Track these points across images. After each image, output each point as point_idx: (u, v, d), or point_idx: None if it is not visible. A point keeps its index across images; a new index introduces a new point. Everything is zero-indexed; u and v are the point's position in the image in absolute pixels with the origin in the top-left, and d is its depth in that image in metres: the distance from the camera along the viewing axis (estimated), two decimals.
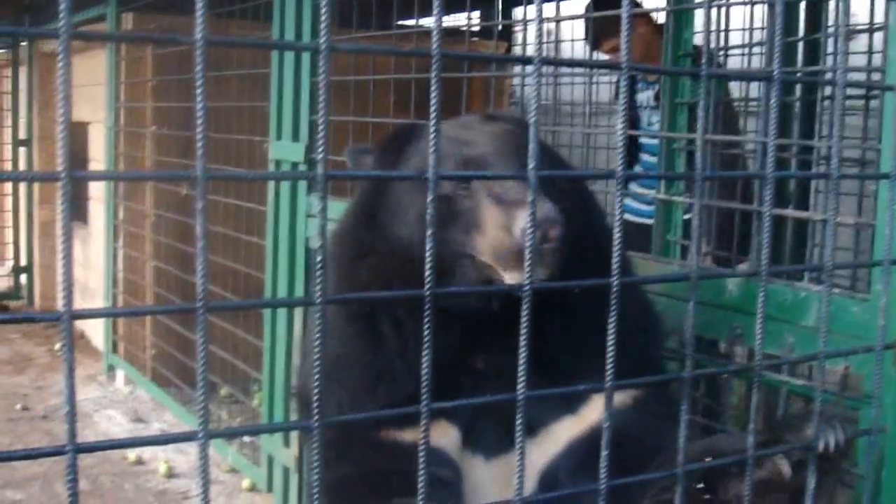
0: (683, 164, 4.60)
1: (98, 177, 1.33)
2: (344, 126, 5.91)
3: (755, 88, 5.60)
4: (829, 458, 2.54)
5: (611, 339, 1.88)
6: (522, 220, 2.63)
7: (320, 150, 1.49)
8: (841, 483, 3.33)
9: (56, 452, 1.29)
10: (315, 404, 1.56)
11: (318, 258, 1.47)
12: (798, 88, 5.07)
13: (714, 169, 4.67)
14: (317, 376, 1.53)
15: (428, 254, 1.62)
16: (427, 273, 1.63)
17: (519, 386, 1.77)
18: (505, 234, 2.69)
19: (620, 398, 3.02)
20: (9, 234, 13.13)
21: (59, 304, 1.26)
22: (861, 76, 5.36)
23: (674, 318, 3.48)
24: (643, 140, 6.96)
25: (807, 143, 4.49)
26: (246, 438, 7.45)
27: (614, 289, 1.85)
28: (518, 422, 1.78)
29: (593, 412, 3.06)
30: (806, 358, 2.95)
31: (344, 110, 6.01)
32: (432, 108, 1.63)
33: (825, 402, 2.55)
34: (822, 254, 4.08)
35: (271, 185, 6.40)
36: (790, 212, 3.78)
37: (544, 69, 5.65)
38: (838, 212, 2.29)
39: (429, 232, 1.61)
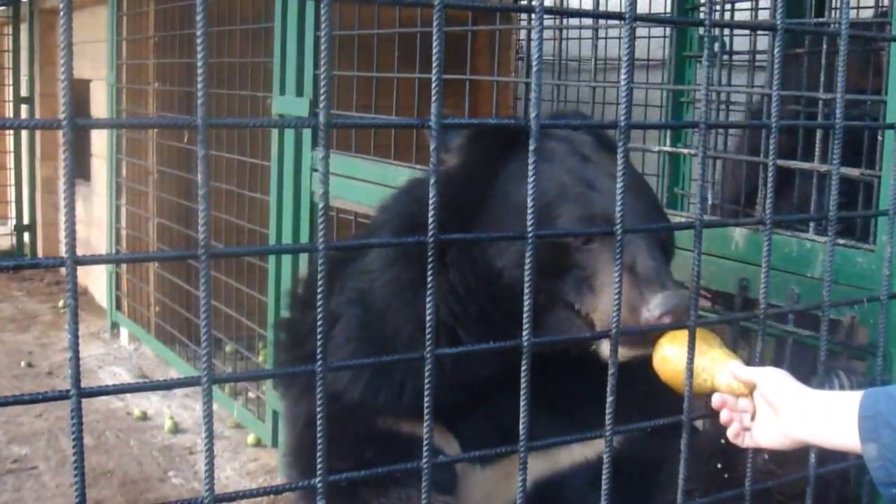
0: (693, 118, 4.60)
1: (101, 124, 1.35)
2: (348, 81, 5.90)
3: (763, 42, 5.60)
4: None
5: (616, 291, 1.89)
6: (655, 304, 2.57)
7: (322, 98, 1.50)
8: None
9: (60, 397, 1.31)
10: (318, 350, 1.57)
11: (321, 205, 1.49)
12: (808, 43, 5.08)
13: None
14: (320, 324, 1.55)
15: (431, 200, 1.63)
16: (430, 219, 1.64)
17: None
18: (629, 312, 2.58)
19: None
20: (10, 193, 13.09)
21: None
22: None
23: (682, 270, 3.50)
24: None
25: (810, 95, 4.48)
26: (251, 394, 7.47)
27: (619, 236, 1.86)
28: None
29: (565, 456, 3.09)
30: (809, 307, 2.96)
31: (348, 66, 6.01)
32: (435, 61, 1.63)
33: (830, 352, 2.56)
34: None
35: (275, 139, 6.40)
36: (795, 163, 3.78)
37: (550, 22, 5.65)
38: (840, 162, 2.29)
39: (432, 180, 1.62)
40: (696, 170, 2.52)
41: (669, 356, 2.51)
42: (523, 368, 1.80)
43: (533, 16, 1.74)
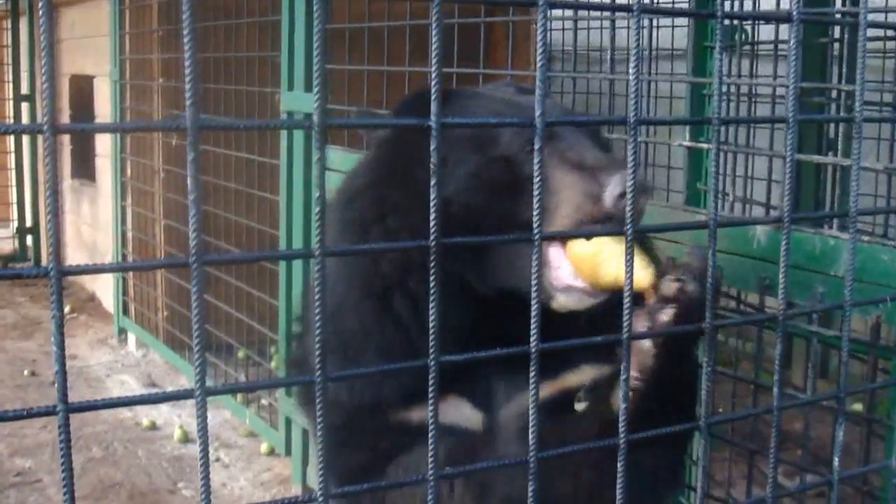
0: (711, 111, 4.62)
1: (81, 128, 1.35)
2: (358, 76, 5.91)
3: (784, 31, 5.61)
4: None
5: (627, 287, 1.89)
6: (614, 184, 2.56)
7: (316, 97, 1.51)
8: (874, 435, 3.35)
9: (47, 413, 1.32)
10: (318, 358, 1.58)
11: (317, 208, 1.49)
12: (837, 32, 5.08)
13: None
14: (318, 329, 1.55)
15: (433, 205, 1.63)
16: (433, 222, 1.65)
17: (532, 339, 1.79)
18: (590, 201, 2.60)
19: (602, 370, 2.95)
20: (12, 194, 13.08)
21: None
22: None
23: None
24: None
25: (830, 87, 4.48)
26: (264, 401, 7.49)
27: (629, 238, 1.87)
28: (532, 376, 1.79)
29: (573, 377, 3.04)
30: (831, 307, 2.96)
31: (358, 59, 6.02)
32: (434, 53, 1.64)
33: (853, 352, 2.56)
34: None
35: (284, 137, 6.41)
36: (816, 157, 3.79)
37: (562, 13, 5.65)
38: (861, 156, 2.29)
39: (433, 182, 1.62)
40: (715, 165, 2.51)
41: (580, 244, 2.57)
42: (532, 377, 1.80)
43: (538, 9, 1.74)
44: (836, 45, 5.50)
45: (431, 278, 1.66)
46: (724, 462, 4.60)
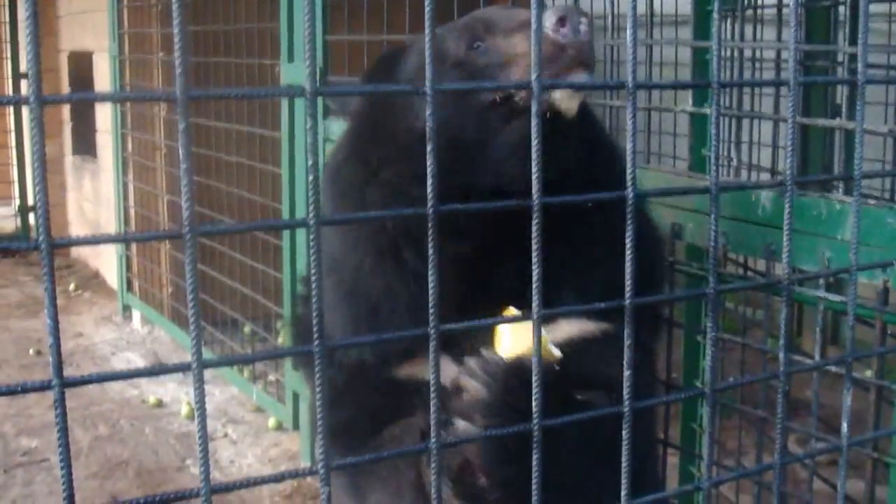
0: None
1: (66, 98, 1.35)
2: (358, 46, 5.89)
3: None
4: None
5: (629, 255, 1.89)
6: (548, 18, 2.57)
7: (308, 65, 1.50)
8: (884, 401, 3.35)
9: (42, 387, 1.31)
10: (315, 328, 1.58)
11: (311, 177, 1.49)
12: None
13: None
14: (315, 299, 1.55)
15: (430, 169, 1.63)
16: (430, 190, 1.64)
17: (535, 306, 1.78)
18: (545, 45, 2.58)
19: (583, 327, 2.95)
20: (13, 173, 13.05)
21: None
22: None
23: (704, 234, 3.49)
24: None
25: (833, 49, 4.46)
26: (271, 377, 7.49)
27: (630, 201, 1.86)
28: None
29: (555, 333, 3.02)
30: (837, 271, 2.95)
31: (358, 29, 6.00)
32: (428, 20, 1.63)
33: (863, 318, 2.56)
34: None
35: (285, 109, 6.39)
36: (818, 120, 3.77)
37: None
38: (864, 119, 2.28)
39: (429, 147, 1.62)
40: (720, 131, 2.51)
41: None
42: (535, 340, 1.80)
43: None
44: (842, 9, 5.49)
45: (430, 246, 1.66)
46: (736, 430, 4.60)
